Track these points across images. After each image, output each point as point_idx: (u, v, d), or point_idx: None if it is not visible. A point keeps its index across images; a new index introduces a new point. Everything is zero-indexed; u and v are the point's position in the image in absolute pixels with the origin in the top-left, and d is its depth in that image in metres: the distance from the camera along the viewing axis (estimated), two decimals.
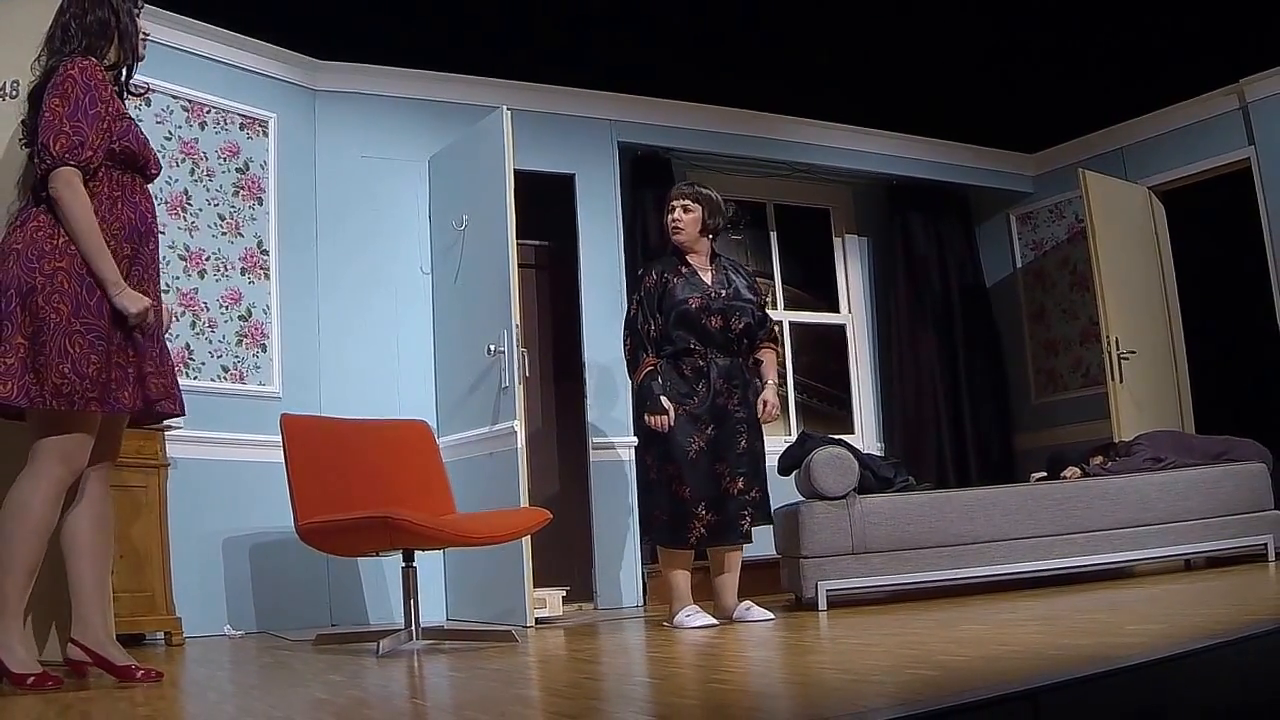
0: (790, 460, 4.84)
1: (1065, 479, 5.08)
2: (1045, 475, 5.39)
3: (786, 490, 4.79)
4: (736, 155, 6.58)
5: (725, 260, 4.55)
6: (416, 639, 3.80)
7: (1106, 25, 5.69)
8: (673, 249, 4.46)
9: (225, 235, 5.13)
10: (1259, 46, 5.89)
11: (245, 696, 2.71)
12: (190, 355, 4.90)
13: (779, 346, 4.77)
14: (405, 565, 3.85)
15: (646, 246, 6.15)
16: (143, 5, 3.10)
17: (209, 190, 5.10)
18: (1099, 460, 5.22)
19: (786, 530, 4.71)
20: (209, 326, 4.99)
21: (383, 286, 5.53)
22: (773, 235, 7.06)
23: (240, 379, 5.07)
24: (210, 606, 4.71)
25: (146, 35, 3.08)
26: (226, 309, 5.07)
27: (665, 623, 4.28)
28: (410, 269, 5.60)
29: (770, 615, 4.18)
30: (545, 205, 5.88)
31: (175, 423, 4.12)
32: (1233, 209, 6.54)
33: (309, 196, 5.47)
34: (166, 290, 4.68)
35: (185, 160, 5.03)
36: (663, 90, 6.17)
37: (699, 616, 4.13)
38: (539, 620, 4.61)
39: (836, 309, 7.25)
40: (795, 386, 6.91)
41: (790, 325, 6.91)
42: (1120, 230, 6.42)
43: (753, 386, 4.37)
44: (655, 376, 4.25)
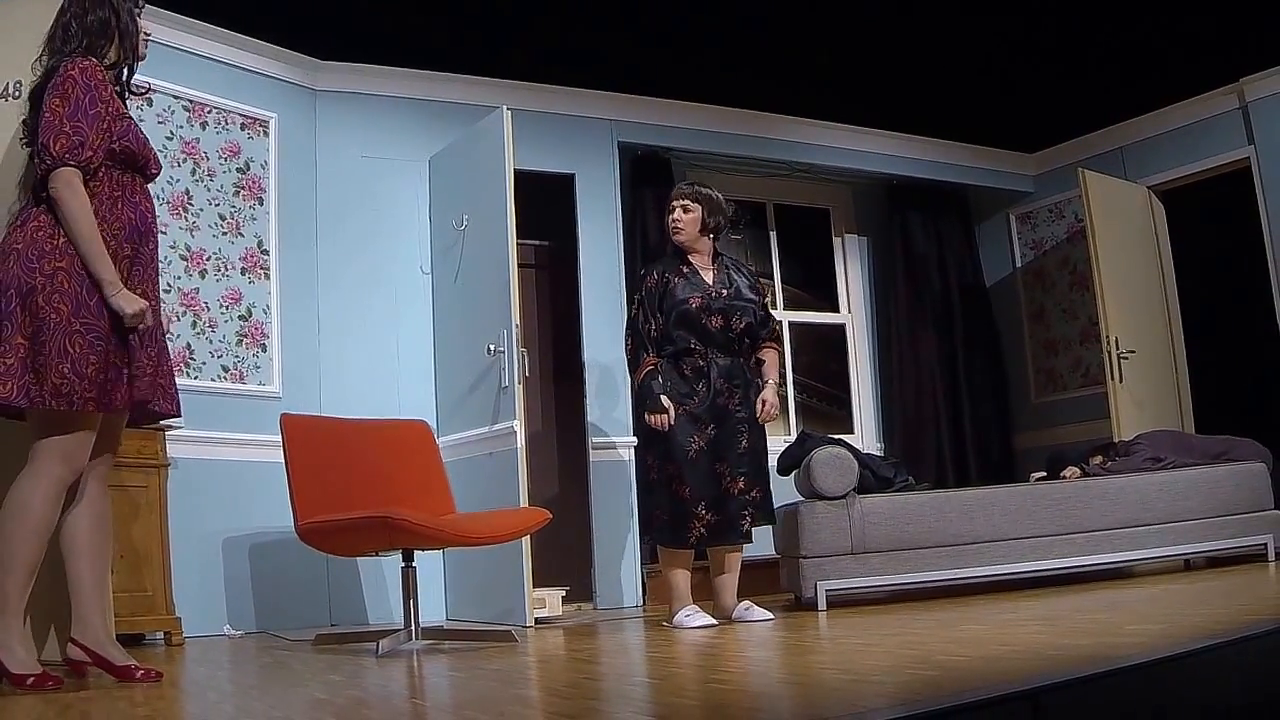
0: (790, 460, 4.84)
1: (1065, 479, 5.08)
2: (1045, 475, 5.39)
3: (786, 490, 4.79)
4: (736, 155, 6.57)
5: (728, 260, 4.55)
6: (416, 639, 3.80)
7: (1106, 25, 5.69)
8: (675, 249, 4.46)
9: (226, 235, 5.13)
10: (1259, 46, 5.89)
11: (244, 696, 2.71)
12: (191, 355, 4.90)
13: (781, 346, 4.76)
14: (405, 565, 3.85)
15: (646, 246, 6.15)
16: (144, 5, 3.10)
17: (210, 190, 5.10)
18: (1099, 460, 5.22)
19: (786, 530, 4.71)
20: (209, 326, 5.00)
21: (383, 286, 5.53)
22: (772, 235, 7.06)
23: (240, 379, 5.07)
24: (210, 606, 4.71)
25: (148, 35, 3.08)
26: (227, 309, 5.08)
27: (665, 623, 4.28)
28: (410, 269, 5.61)
29: (770, 615, 4.18)
30: (545, 205, 5.88)
31: (175, 423, 4.12)
32: (1232, 209, 6.54)
33: (309, 196, 5.47)
34: (168, 290, 4.69)
35: (186, 160, 5.03)
36: (663, 90, 6.17)
37: (698, 616, 4.13)
38: (538, 620, 4.61)
39: (836, 309, 7.24)
40: (795, 386, 6.91)
41: (790, 325, 6.90)
42: (1120, 230, 6.42)
43: (754, 386, 4.37)
44: (655, 376, 4.25)
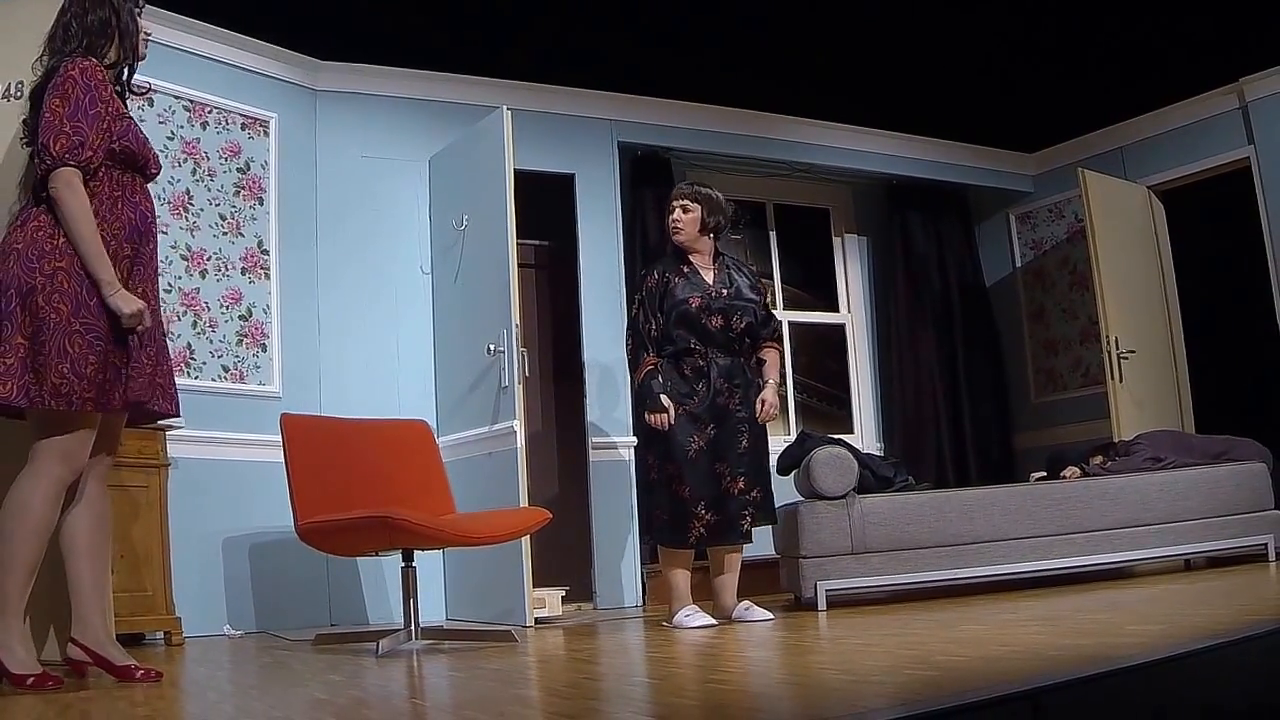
0: (790, 460, 4.84)
1: (1065, 479, 5.08)
2: (1045, 475, 5.39)
3: (786, 490, 4.79)
4: (736, 155, 6.57)
5: (729, 259, 4.54)
6: (416, 639, 3.80)
7: (1106, 25, 5.68)
8: (675, 249, 4.46)
9: (226, 235, 5.13)
10: (1259, 46, 5.88)
11: (244, 696, 2.71)
12: (191, 355, 4.90)
13: (782, 346, 4.76)
14: (405, 565, 3.85)
15: (646, 246, 6.15)
16: (144, 5, 3.10)
17: (210, 190, 5.10)
18: (1099, 460, 5.22)
19: (786, 530, 4.71)
20: (209, 326, 5.00)
21: (383, 286, 5.53)
22: (772, 235, 7.06)
23: (240, 379, 5.07)
24: (210, 606, 4.71)
25: (148, 34, 3.08)
26: (227, 309, 5.08)
27: (665, 623, 4.28)
28: (410, 269, 5.61)
29: (770, 615, 4.18)
30: (545, 205, 5.88)
31: (175, 422, 4.12)
32: (1232, 209, 6.54)
33: (309, 196, 5.47)
34: (168, 290, 4.69)
35: (187, 160, 5.03)
36: (663, 90, 6.17)
37: (698, 616, 4.13)
38: (538, 620, 4.61)
39: (836, 309, 7.24)
40: (795, 386, 6.91)
41: (790, 325, 6.90)
42: (1120, 230, 6.42)
43: (755, 386, 4.37)
44: (655, 375, 4.25)
